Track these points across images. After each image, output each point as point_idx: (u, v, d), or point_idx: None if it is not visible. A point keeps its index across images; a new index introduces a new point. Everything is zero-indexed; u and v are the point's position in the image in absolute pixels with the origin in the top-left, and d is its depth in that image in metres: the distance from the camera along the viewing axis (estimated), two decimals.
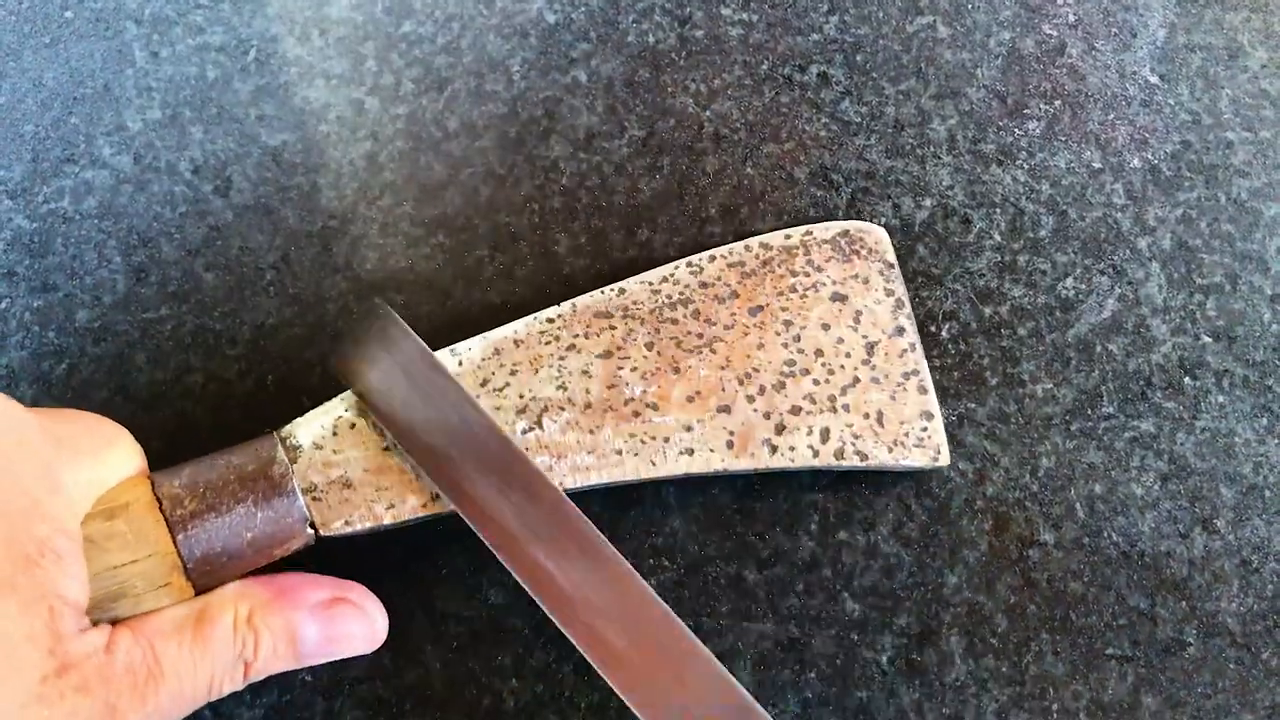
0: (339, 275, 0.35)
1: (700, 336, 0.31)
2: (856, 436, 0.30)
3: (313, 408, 0.29)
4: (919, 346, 0.32)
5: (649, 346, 0.31)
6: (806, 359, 0.31)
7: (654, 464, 0.30)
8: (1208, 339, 0.34)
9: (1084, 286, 0.34)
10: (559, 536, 0.27)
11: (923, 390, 0.31)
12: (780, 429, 0.30)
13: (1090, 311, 0.34)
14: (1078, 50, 0.37)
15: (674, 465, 0.30)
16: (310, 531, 0.27)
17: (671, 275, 0.32)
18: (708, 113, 0.37)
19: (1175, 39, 0.37)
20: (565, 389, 0.30)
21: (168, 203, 0.35)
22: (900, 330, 0.32)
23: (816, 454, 0.30)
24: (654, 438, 0.30)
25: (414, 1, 0.38)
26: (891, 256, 0.33)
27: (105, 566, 0.25)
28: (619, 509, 0.31)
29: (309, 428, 0.29)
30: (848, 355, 0.31)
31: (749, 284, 0.32)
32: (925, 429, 0.31)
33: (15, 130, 0.36)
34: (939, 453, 0.31)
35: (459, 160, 0.36)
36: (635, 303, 0.32)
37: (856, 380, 0.31)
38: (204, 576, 0.26)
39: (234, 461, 0.27)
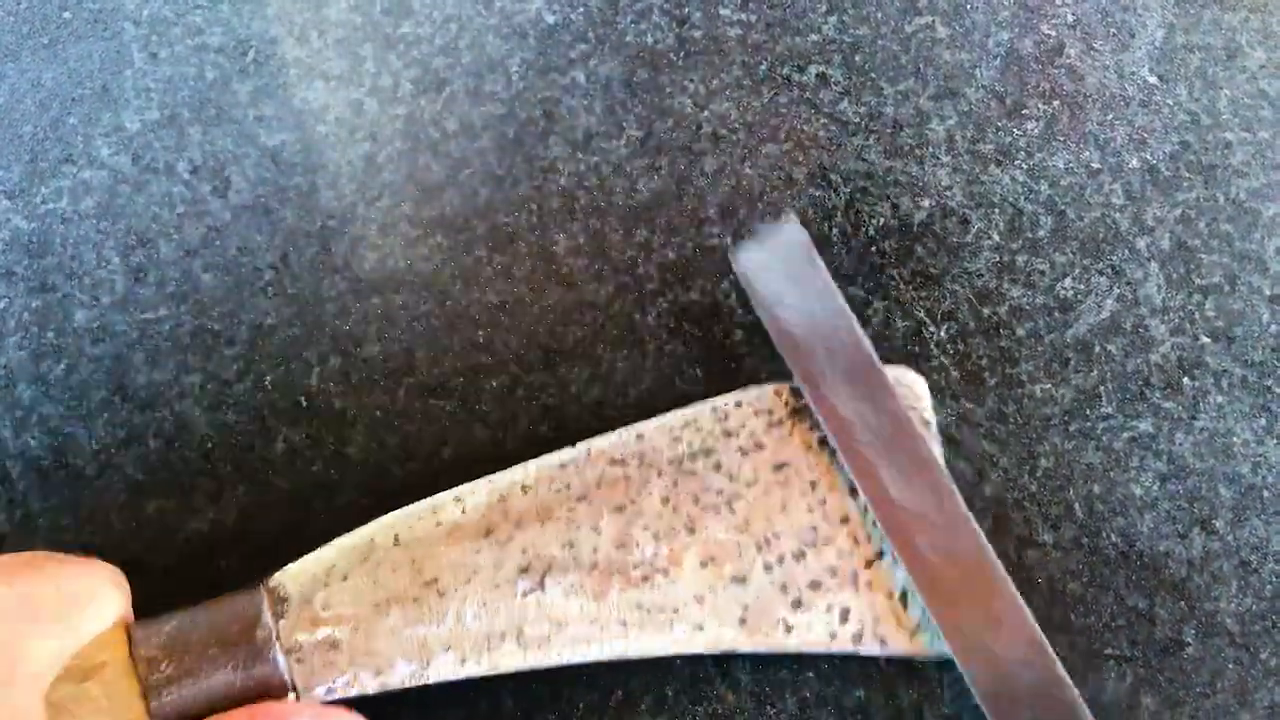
0: (337, 276, 0.35)
1: (720, 493, 0.29)
2: (877, 619, 0.28)
3: (307, 407, 0.29)
4: (958, 498, 0.29)
5: (664, 501, 0.29)
6: (831, 527, 0.29)
7: (659, 642, 0.27)
8: (1206, 339, 0.34)
9: (1082, 287, 0.34)
10: (896, 450, 0.28)
11: None
12: (797, 604, 0.28)
13: (1089, 312, 0.34)
14: (1076, 50, 0.37)
15: (682, 644, 0.27)
16: (291, 696, 0.26)
17: (694, 421, 0.30)
18: (706, 113, 0.37)
19: (1174, 39, 0.37)
20: (572, 546, 0.28)
21: (166, 203, 0.35)
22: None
23: (834, 637, 0.28)
24: (663, 610, 0.27)
25: (412, 2, 0.38)
26: (930, 413, 0.30)
27: None
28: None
29: (297, 578, 0.27)
30: (874, 524, 0.29)
31: (775, 435, 0.30)
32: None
33: (14, 131, 0.36)
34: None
35: (457, 161, 0.36)
36: (654, 449, 0.29)
37: (881, 554, 0.29)
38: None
39: (217, 620, 0.26)
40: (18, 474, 0.32)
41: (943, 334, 0.34)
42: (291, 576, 0.27)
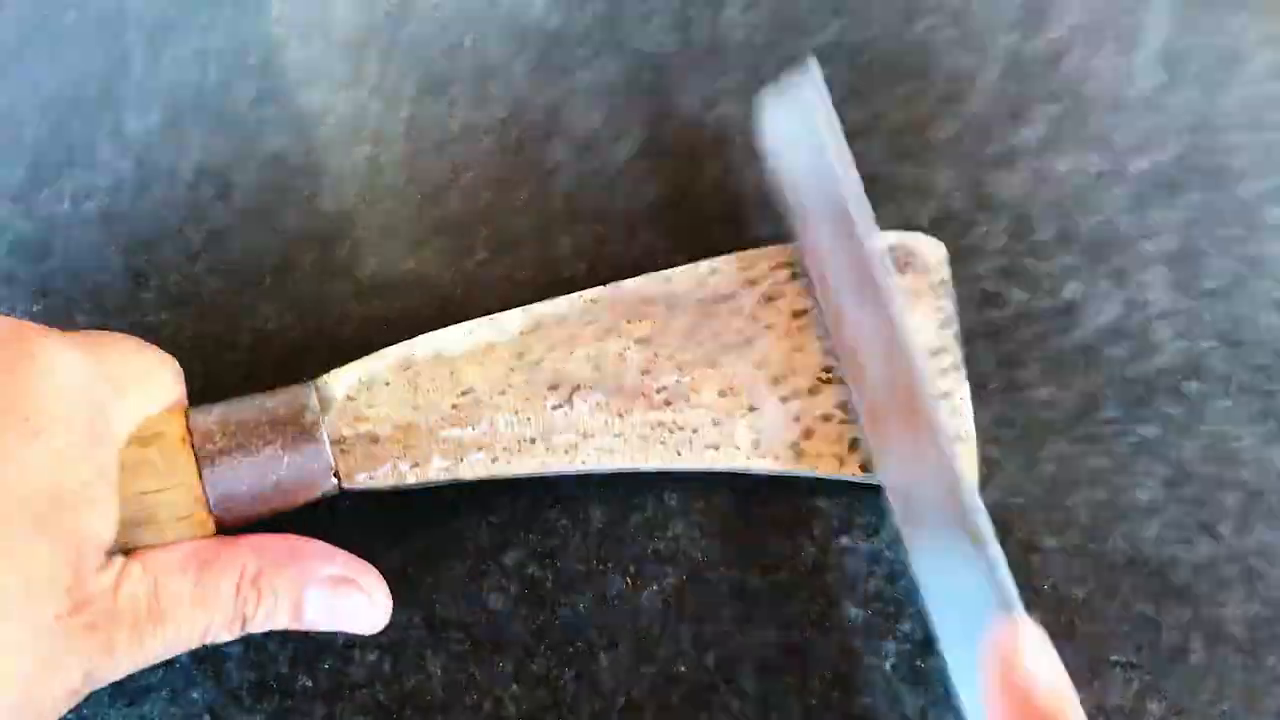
0: (340, 279, 0.34)
1: (740, 332, 0.31)
2: None
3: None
4: (961, 368, 0.31)
5: (688, 336, 0.31)
6: (844, 367, 0.31)
7: (679, 454, 0.30)
8: (1211, 344, 0.33)
9: (1087, 290, 0.34)
10: (860, 287, 0.29)
11: (957, 412, 0.31)
12: (809, 434, 0.30)
13: (1093, 316, 0.34)
14: (1081, 53, 0.37)
15: (698, 458, 0.30)
16: (334, 481, 0.28)
17: (720, 269, 0.32)
18: (710, 116, 0.37)
19: (1179, 42, 0.37)
20: (599, 370, 0.30)
21: (168, 206, 0.35)
22: (942, 349, 0.31)
23: (842, 463, 0.30)
24: (682, 428, 0.30)
25: (416, 4, 0.38)
26: (946, 273, 0.32)
27: (134, 491, 0.26)
28: (621, 514, 0.31)
29: (344, 381, 0.29)
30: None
31: (795, 286, 0.32)
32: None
33: (15, 134, 0.36)
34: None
35: (460, 164, 0.36)
36: (681, 291, 0.32)
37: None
38: (226, 513, 0.27)
39: (267, 405, 0.28)
40: None
41: None
42: (336, 378, 0.29)
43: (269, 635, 0.30)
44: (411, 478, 0.29)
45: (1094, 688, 0.29)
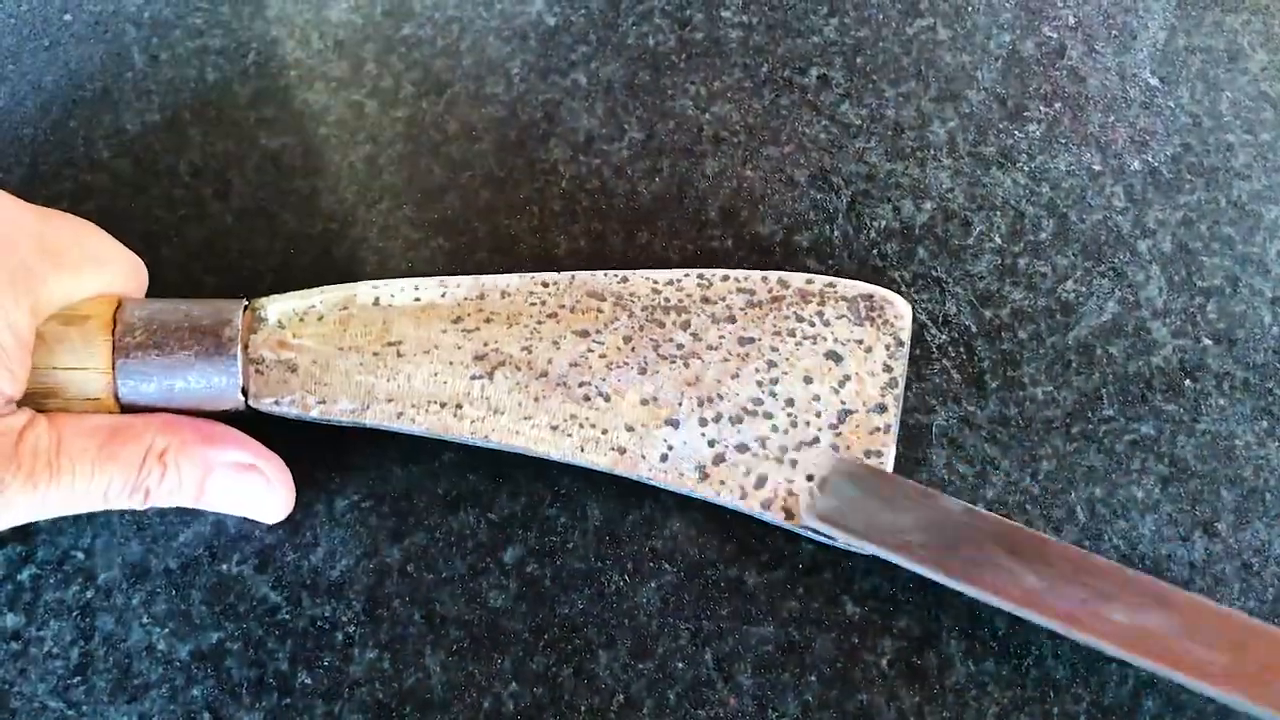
0: (339, 279, 0.34)
1: (680, 348, 0.31)
2: (791, 494, 0.30)
3: (311, 417, 0.29)
4: (894, 431, 0.31)
5: (626, 340, 0.31)
6: (775, 404, 0.31)
7: (582, 450, 0.30)
8: (1208, 342, 0.33)
9: (1084, 289, 0.34)
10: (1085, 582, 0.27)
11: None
12: (719, 460, 0.30)
13: (1090, 314, 0.34)
14: (1078, 52, 0.37)
15: (600, 458, 0.30)
16: (240, 399, 0.29)
17: (678, 281, 0.32)
18: (707, 115, 0.37)
19: (1175, 41, 0.37)
20: (529, 351, 0.30)
21: (167, 206, 0.35)
22: (881, 408, 0.31)
23: (744, 496, 0.30)
24: (593, 426, 0.30)
25: (414, 4, 0.38)
26: (906, 335, 0.32)
27: (47, 364, 0.27)
28: (618, 511, 0.31)
29: (279, 306, 0.30)
30: (818, 415, 0.31)
31: (751, 314, 0.32)
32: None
33: (14, 133, 0.36)
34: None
35: (458, 163, 0.36)
36: (632, 295, 0.32)
37: (816, 441, 0.30)
38: (132, 407, 0.28)
39: (194, 312, 0.29)
40: None
41: (944, 337, 0.34)
42: (272, 301, 0.30)
43: (268, 633, 0.30)
44: (315, 412, 0.29)
45: (1091, 684, 0.29)
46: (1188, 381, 0.33)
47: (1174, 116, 0.36)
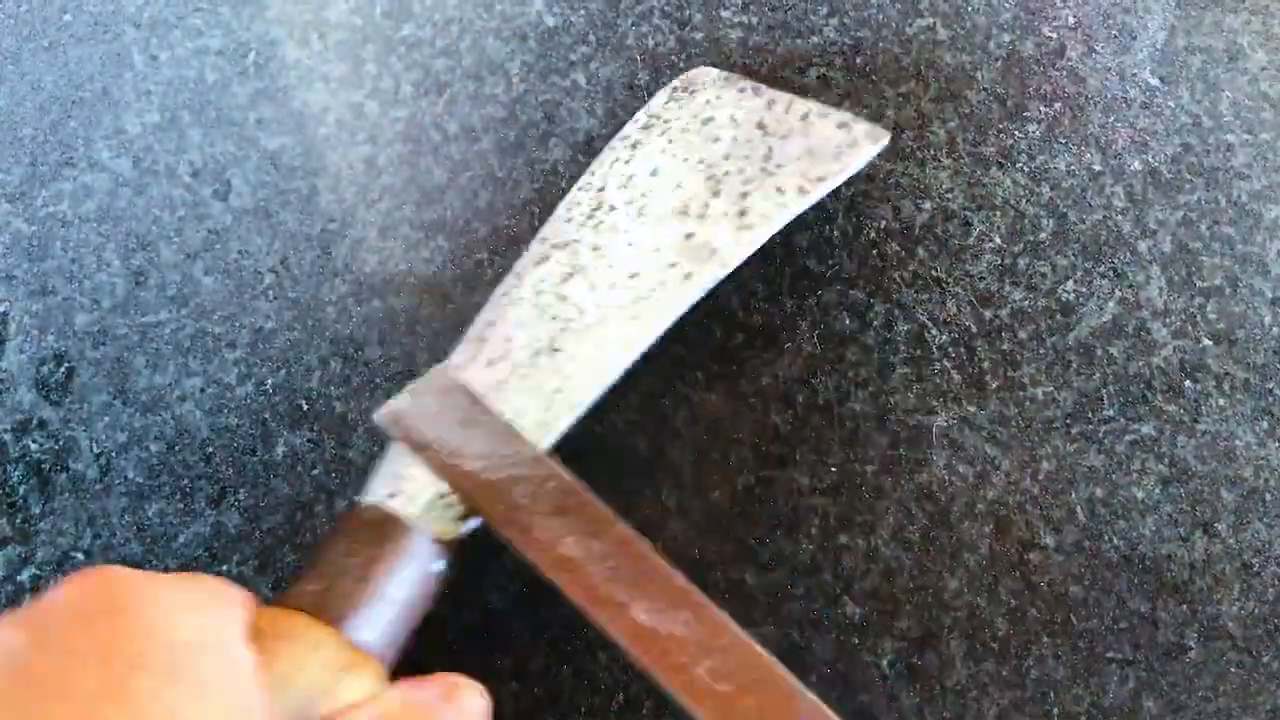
0: (338, 279, 0.34)
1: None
2: (804, 173, 0.31)
3: (309, 410, 0.29)
4: (794, 98, 0.33)
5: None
6: (723, 168, 0.32)
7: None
8: (1208, 342, 0.33)
9: (1084, 290, 0.34)
10: (643, 579, 0.25)
11: (822, 115, 0.32)
12: (743, 212, 0.31)
13: (1090, 315, 0.34)
14: (1077, 53, 0.37)
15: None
16: (443, 565, 0.26)
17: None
18: None
19: (1175, 41, 0.37)
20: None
21: (167, 206, 0.35)
22: (770, 103, 0.33)
23: (785, 205, 0.31)
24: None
25: (413, 4, 0.38)
26: (714, 73, 0.34)
27: (286, 688, 0.23)
28: (618, 511, 0.31)
29: (413, 499, 0.27)
30: (750, 144, 0.33)
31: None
32: (847, 129, 0.32)
33: (14, 134, 0.36)
34: (872, 134, 0.32)
35: (458, 163, 0.36)
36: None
37: (770, 150, 0.32)
38: (374, 645, 0.25)
39: (343, 541, 0.26)
40: (18, 478, 0.32)
41: (944, 337, 0.34)
42: (398, 499, 0.27)
43: None
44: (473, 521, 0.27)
45: (1091, 685, 0.29)
46: (1188, 382, 0.33)
47: (1174, 116, 0.36)
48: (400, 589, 0.25)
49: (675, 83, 0.35)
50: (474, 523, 0.27)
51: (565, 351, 0.30)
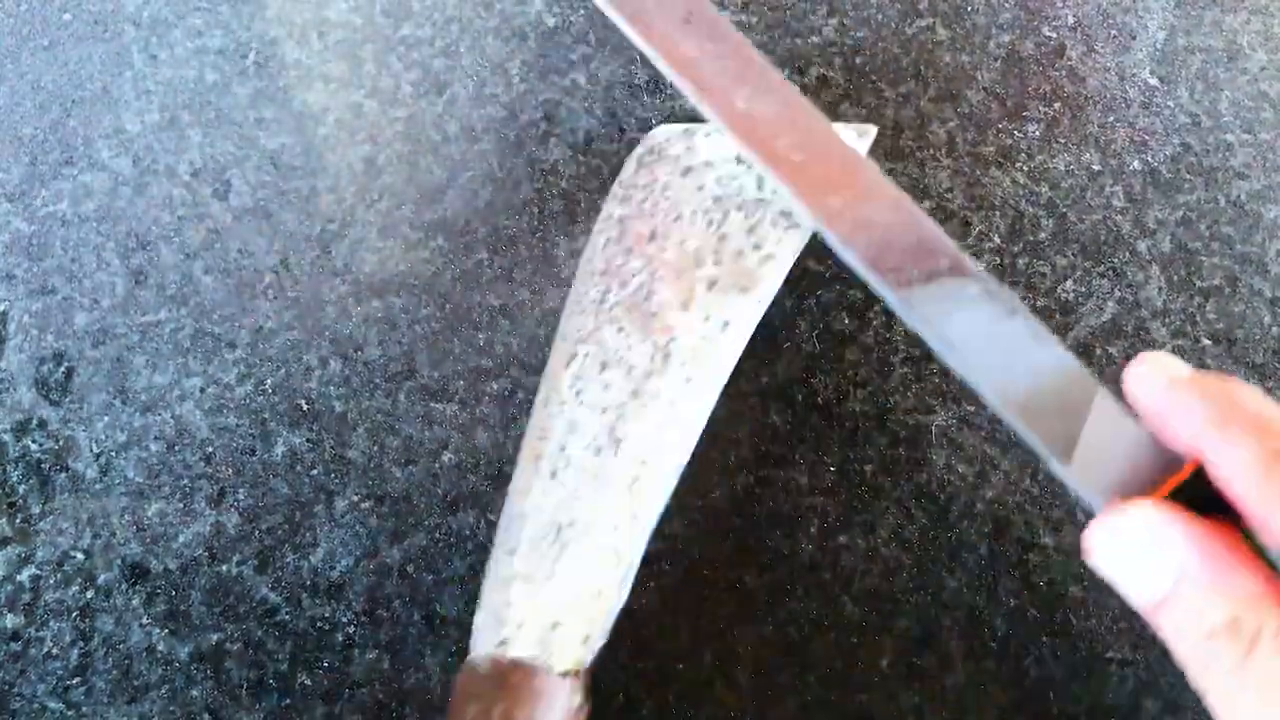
0: (338, 278, 0.34)
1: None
2: None
3: (308, 410, 0.29)
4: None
5: None
6: (720, 210, 0.31)
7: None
8: (1207, 342, 0.33)
9: (1083, 289, 0.34)
10: (744, 72, 0.29)
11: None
12: (757, 245, 0.30)
13: (1090, 314, 0.34)
14: (1077, 52, 0.37)
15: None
16: (575, 686, 0.25)
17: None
18: None
19: (1174, 41, 0.37)
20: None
21: (166, 206, 0.35)
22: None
23: (797, 224, 0.30)
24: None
25: (413, 4, 0.38)
26: (675, 128, 0.33)
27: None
28: None
29: (481, 632, 0.27)
30: (735, 180, 0.32)
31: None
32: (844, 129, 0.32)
33: (13, 133, 0.36)
34: (858, 130, 0.32)
35: (458, 163, 0.36)
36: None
37: (760, 179, 0.31)
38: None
39: (473, 704, 0.25)
40: (18, 478, 0.32)
41: None
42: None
43: (268, 633, 0.30)
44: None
45: (1090, 685, 0.29)
46: None
47: (1173, 116, 0.36)
48: None
49: (638, 150, 0.34)
50: (598, 643, 0.26)
51: (628, 440, 0.29)
